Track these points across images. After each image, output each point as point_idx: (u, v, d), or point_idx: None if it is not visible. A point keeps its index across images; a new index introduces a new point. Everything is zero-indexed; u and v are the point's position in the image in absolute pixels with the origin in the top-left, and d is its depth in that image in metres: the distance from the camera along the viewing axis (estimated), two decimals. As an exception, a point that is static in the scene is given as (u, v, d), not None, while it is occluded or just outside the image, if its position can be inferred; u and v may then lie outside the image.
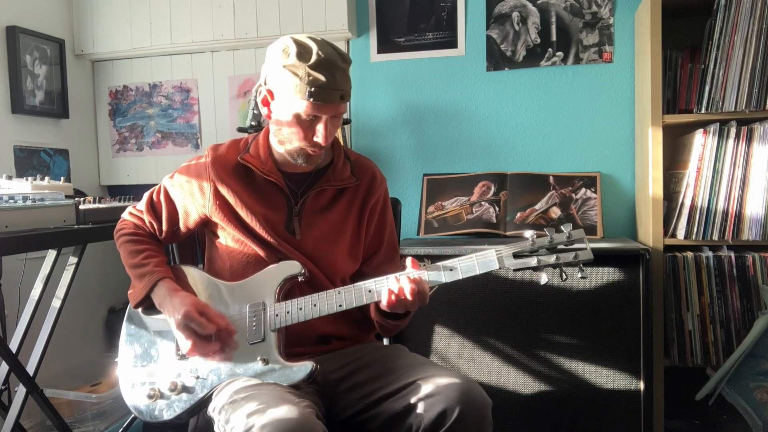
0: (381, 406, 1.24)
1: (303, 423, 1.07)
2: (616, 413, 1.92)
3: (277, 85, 1.27)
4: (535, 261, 1.21)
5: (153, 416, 1.31)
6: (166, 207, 1.43)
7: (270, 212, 1.37)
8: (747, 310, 1.96)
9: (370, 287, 1.26)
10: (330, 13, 2.42)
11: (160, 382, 1.33)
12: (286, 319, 1.29)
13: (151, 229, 1.45)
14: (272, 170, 1.37)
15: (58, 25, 2.60)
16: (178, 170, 1.45)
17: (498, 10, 2.41)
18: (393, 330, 1.41)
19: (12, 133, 2.36)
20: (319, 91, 1.22)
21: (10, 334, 1.92)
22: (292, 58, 1.23)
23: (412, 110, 2.53)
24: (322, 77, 1.22)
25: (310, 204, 1.39)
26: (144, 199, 1.47)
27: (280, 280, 1.32)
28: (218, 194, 1.37)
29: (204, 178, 1.38)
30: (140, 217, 1.46)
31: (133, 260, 1.38)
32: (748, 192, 1.93)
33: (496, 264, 1.22)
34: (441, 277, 1.24)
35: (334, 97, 1.25)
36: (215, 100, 2.67)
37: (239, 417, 1.11)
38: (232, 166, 1.39)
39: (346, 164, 1.44)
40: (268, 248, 1.36)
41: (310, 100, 1.22)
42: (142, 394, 1.33)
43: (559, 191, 2.31)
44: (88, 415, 2.21)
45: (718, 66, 1.92)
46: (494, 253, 1.22)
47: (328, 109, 1.26)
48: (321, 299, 1.28)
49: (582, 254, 1.21)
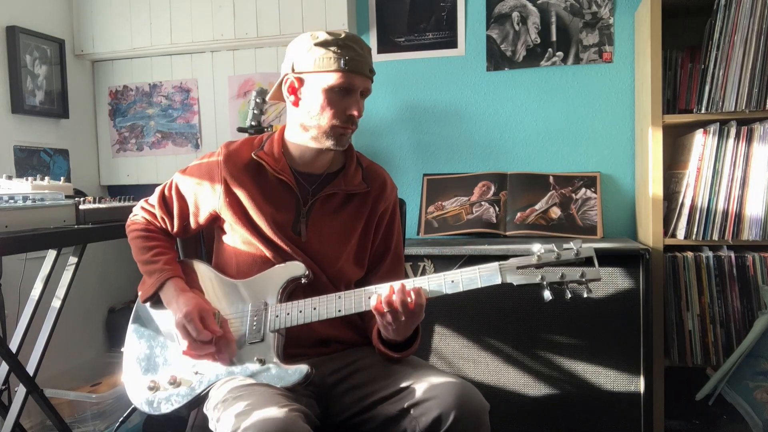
0: (377, 409, 1.24)
1: (287, 425, 1.07)
2: (616, 413, 1.92)
3: (308, 64, 1.29)
4: (539, 277, 1.17)
5: (153, 408, 1.32)
6: (178, 202, 1.43)
7: (278, 212, 1.37)
8: (747, 310, 1.96)
9: (370, 293, 1.26)
10: (330, 13, 2.42)
11: (161, 375, 1.34)
12: (286, 321, 1.29)
13: (162, 224, 1.45)
14: (284, 168, 1.38)
15: (58, 25, 2.60)
16: (191, 166, 1.45)
17: (498, 10, 2.41)
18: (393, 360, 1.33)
19: (12, 133, 2.36)
20: (351, 61, 1.26)
21: (10, 334, 1.92)
22: (323, 36, 1.28)
23: (412, 110, 2.53)
24: (353, 48, 1.28)
25: (319, 207, 1.39)
26: (156, 193, 1.48)
27: (284, 280, 1.32)
28: (229, 192, 1.37)
29: (216, 176, 1.38)
30: (152, 212, 1.47)
31: (143, 256, 1.39)
32: (748, 192, 1.93)
33: (498, 278, 1.19)
34: (442, 289, 1.22)
35: (365, 68, 1.29)
36: (215, 100, 2.67)
37: (228, 416, 1.13)
38: (245, 163, 1.38)
39: (357, 170, 1.44)
40: (274, 249, 1.35)
41: (345, 69, 1.26)
42: (143, 386, 1.34)
43: (559, 191, 2.31)
44: (88, 415, 2.21)
45: (718, 66, 1.92)
46: (497, 266, 1.19)
47: (360, 80, 1.29)
48: (321, 303, 1.28)
49: (590, 273, 1.16)
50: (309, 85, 1.30)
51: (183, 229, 1.46)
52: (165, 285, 1.34)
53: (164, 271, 1.35)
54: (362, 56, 1.29)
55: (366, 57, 1.30)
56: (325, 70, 1.27)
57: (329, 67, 1.26)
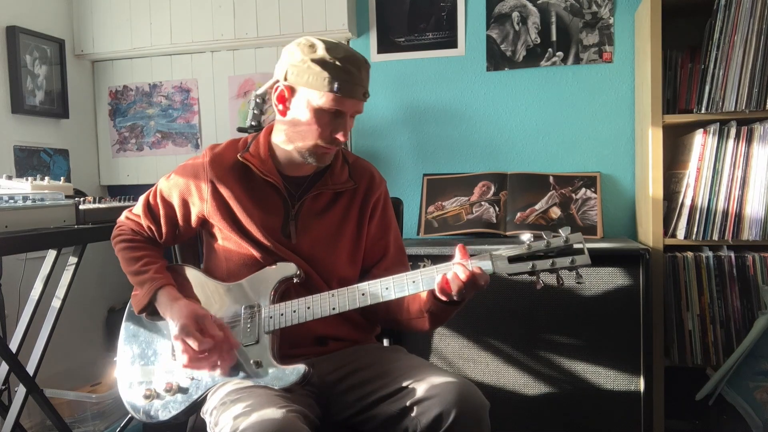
0: (377, 408, 1.24)
1: (286, 426, 1.07)
2: (616, 413, 1.92)
3: (300, 79, 1.25)
4: (530, 266, 1.18)
5: (149, 416, 1.32)
6: (164, 209, 1.42)
7: (266, 215, 1.36)
8: (747, 310, 1.96)
9: (363, 290, 1.25)
10: (330, 13, 2.42)
11: (156, 382, 1.33)
12: (280, 322, 1.28)
13: (149, 233, 1.44)
14: (271, 171, 1.37)
15: (58, 25, 2.60)
16: (175, 171, 1.43)
17: (498, 10, 2.41)
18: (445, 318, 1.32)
19: (12, 133, 2.36)
20: (346, 85, 1.23)
21: (10, 334, 1.92)
22: (320, 52, 1.24)
23: (412, 110, 2.52)
24: (350, 71, 1.24)
25: (307, 207, 1.38)
26: (140, 202, 1.46)
27: (275, 281, 1.31)
28: (216, 194, 1.36)
29: (202, 178, 1.37)
30: (137, 222, 1.45)
31: (132, 267, 1.38)
32: (748, 192, 1.93)
33: (490, 268, 1.19)
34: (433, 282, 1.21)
35: (359, 92, 1.26)
36: (215, 100, 2.67)
37: (226, 419, 1.12)
38: (230, 165, 1.38)
39: (344, 167, 1.43)
40: (264, 251, 1.35)
41: (337, 93, 1.23)
42: (138, 394, 1.34)
43: (559, 191, 2.31)
44: (88, 415, 2.22)
45: (718, 66, 1.92)
46: (488, 256, 1.20)
47: (351, 104, 1.27)
48: (315, 301, 1.28)
49: (579, 259, 1.18)
50: (299, 98, 1.28)
51: (173, 236, 1.44)
52: (158, 294, 1.33)
53: (155, 280, 1.34)
54: (358, 79, 1.25)
55: (362, 79, 1.27)
56: (317, 89, 1.24)
57: (322, 87, 1.23)
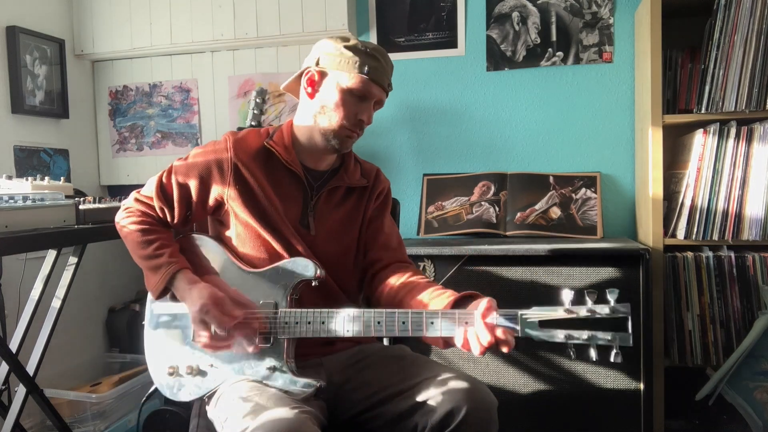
0: (386, 406, 1.24)
1: (297, 426, 1.07)
2: (616, 413, 1.92)
3: (333, 63, 1.32)
4: (563, 336, 1.08)
5: (172, 393, 1.33)
6: (179, 189, 1.35)
7: (287, 204, 1.36)
8: (747, 310, 1.96)
9: (379, 319, 1.22)
10: (330, 13, 2.42)
11: (180, 362, 1.33)
12: (294, 332, 1.26)
13: (161, 215, 1.38)
14: (294, 161, 1.38)
15: (58, 25, 2.60)
16: (194, 152, 1.38)
17: (498, 10, 2.41)
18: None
19: (12, 133, 2.36)
20: (374, 70, 1.31)
21: (10, 334, 1.92)
22: (353, 41, 1.34)
23: (412, 110, 2.53)
24: (379, 59, 1.33)
25: (324, 200, 1.40)
26: (152, 183, 1.39)
27: (294, 282, 1.29)
28: (239, 177, 1.33)
29: (224, 158, 1.34)
30: (149, 204, 1.38)
31: (145, 251, 1.31)
32: (748, 192, 1.93)
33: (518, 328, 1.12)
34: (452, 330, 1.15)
35: (385, 80, 1.35)
36: (215, 100, 2.67)
37: (236, 417, 1.12)
38: (255, 150, 1.36)
39: (356, 166, 1.47)
40: (282, 241, 1.34)
41: (366, 76, 1.31)
42: (163, 369, 1.34)
43: (559, 191, 2.31)
44: (88, 415, 2.21)
45: (718, 66, 1.92)
46: (517, 319, 1.11)
47: (377, 90, 1.34)
48: (330, 318, 1.25)
49: (621, 338, 1.05)
50: (329, 81, 1.33)
51: (183, 219, 1.38)
52: (175, 279, 1.28)
53: (171, 264, 1.29)
54: (385, 69, 1.34)
55: (388, 71, 1.36)
56: (347, 71, 1.31)
57: (352, 69, 1.31)
